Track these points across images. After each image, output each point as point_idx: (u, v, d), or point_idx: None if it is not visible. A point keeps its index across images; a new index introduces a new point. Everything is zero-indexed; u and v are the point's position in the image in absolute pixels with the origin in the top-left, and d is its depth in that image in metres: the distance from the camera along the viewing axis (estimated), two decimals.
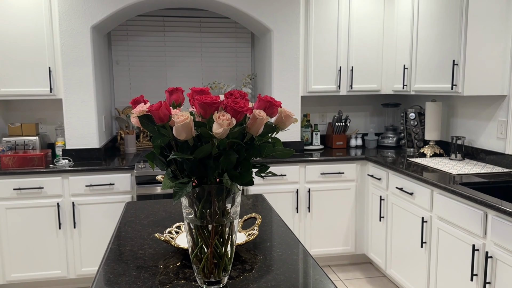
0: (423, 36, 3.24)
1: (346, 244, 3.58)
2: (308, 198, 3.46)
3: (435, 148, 3.44)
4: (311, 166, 3.44)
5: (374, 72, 3.77)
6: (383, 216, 3.26)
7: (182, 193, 1.08)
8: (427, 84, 3.22)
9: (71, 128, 3.31)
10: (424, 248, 2.75)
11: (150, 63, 4.02)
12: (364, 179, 3.55)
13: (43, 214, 3.10)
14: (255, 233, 1.57)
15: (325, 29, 3.62)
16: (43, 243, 3.13)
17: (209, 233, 1.21)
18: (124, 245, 1.59)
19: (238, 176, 1.16)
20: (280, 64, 3.58)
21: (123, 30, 3.93)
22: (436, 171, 2.85)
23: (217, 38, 4.09)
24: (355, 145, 4.04)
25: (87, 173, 3.13)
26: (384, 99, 4.30)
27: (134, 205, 2.13)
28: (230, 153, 1.12)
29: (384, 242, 3.27)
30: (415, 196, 2.83)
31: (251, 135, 1.15)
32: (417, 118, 3.66)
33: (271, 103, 1.16)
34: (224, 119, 1.04)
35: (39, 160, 3.11)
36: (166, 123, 1.10)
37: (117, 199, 3.18)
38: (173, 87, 1.21)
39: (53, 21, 3.24)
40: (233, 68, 4.16)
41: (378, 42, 3.74)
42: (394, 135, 4.02)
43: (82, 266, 3.20)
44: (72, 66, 3.25)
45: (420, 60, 3.30)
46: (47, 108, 3.71)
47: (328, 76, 3.69)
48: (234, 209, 1.24)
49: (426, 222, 2.71)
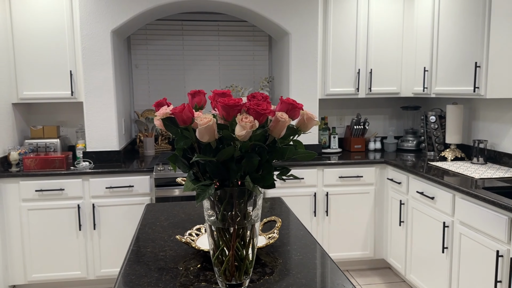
0: (444, 38, 3.19)
1: (364, 248, 3.54)
2: (326, 202, 3.43)
3: (456, 152, 3.38)
4: (329, 170, 3.42)
5: (394, 74, 3.73)
6: (403, 221, 3.22)
7: (205, 195, 1.08)
8: (448, 86, 3.17)
9: (91, 130, 3.35)
10: (445, 254, 2.70)
11: (168, 66, 4.05)
12: (384, 183, 3.50)
13: (64, 215, 3.15)
14: (275, 236, 1.56)
15: (343, 31, 3.60)
16: (64, 244, 3.18)
17: (230, 236, 1.21)
18: (145, 246, 1.59)
19: (260, 179, 1.16)
20: (298, 67, 3.57)
21: (142, 34, 3.97)
22: (457, 175, 2.80)
23: (235, 41, 4.10)
24: (373, 149, 4.00)
25: (107, 175, 3.16)
26: (404, 102, 4.25)
27: (154, 207, 2.14)
28: (252, 156, 1.11)
29: (404, 247, 3.23)
30: (436, 200, 2.78)
31: (273, 137, 1.15)
32: (437, 121, 3.60)
33: (293, 105, 1.16)
34: (247, 121, 1.04)
35: (60, 162, 3.16)
36: (189, 125, 1.10)
37: (136, 201, 3.21)
38: (195, 90, 1.22)
39: (74, 25, 3.29)
40: (250, 71, 4.17)
41: (398, 45, 3.70)
42: (414, 138, 3.97)
43: (101, 267, 3.24)
44: (93, 69, 3.30)
45: (441, 62, 3.25)
46: (68, 111, 3.77)
47: (346, 78, 3.66)
48: (256, 212, 1.24)
49: (448, 227, 2.66)
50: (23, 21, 3.22)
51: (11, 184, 3.08)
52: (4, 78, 3.18)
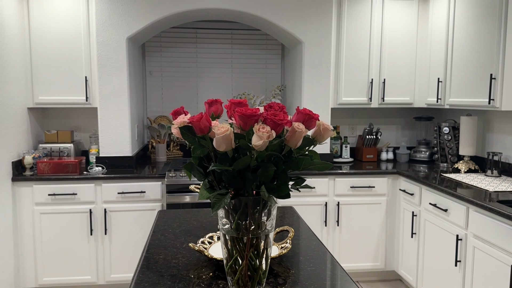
0: (459, 49, 3.18)
1: (375, 260, 3.51)
2: (337, 212, 3.41)
3: (469, 164, 3.35)
4: (341, 179, 3.40)
5: (407, 84, 3.71)
6: (415, 233, 3.18)
7: (220, 204, 1.08)
8: (462, 98, 3.15)
9: (105, 136, 3.38)
10: (458, 267, 2.67)
11: (182, 73, 4.08)
12: (396, 193, 3.48)
13: (76, 220, 3.17)
14: (288, 246, 1.56)
15: (356, 40, 3.60)
16: (75, 248, 3.20)
17: (244, 245, 1.21)
18: (157, 253, 1.60)
19: (275, 189, 1.16)
20: (311, 75, 3.57)
21: (157, 41, 4.01)
22: (471, 188, 2.77)
23: (248, 49, 4.12)
24: (386, 159, 3.97)
25: (119, 180, 3.18)
26: (416, 113, 4.22)
27: (166, 213, 2.15)
28: (268, 166, 1.11)
29: (415, 259, 3.19)
30: (449, 213, 2.75)
31: (289, 147, 1.15)
32: (451, 133, 3.57)
33: (310, 116, 1.16)
34: (264, 131, 1.04)
35: (74, 167, 3.19)
36: (206, 134, 1.11)
37: (148, 207, 3.22)
38: (212, 99, 1.23)
39: (90, 32, 3.34)
40: (262, 79, 4.18)
41: (411, 55, 3.69)
42: (427, 149, 3.93)
43: (111, 273, 3.25)
44: (108, 76, 3.34)
45: (455, 73, 3.23)
46: (81, 116, 3.81)
47: (359, 88, 3.65)
48: (270, 222, 1.23)
49: (461, 240, 2.63)
50: (40, 26, 3.27)
51: (25, 188, 3.11)
52: (20, 83, 3.23)
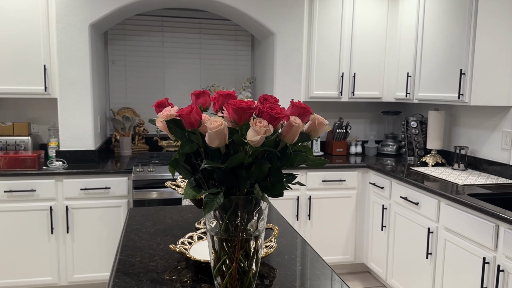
0: (428, 44, 3.21)
1: (345, 253, 3.52)
2: (308, 206, 3.39)
3: (437, 157, 3.41)
4: (313, 173, 3.38)
5: (376, 79, 3.73)
6: (385, 225, 3.21)
7: (213, 204, 0.99)
8: (431, 92, 3.19)
9: (65, 128, 3.18)
10: (429, 259, 2.71)
11: (147, 63, 3.91)
12: (366, 187, 3.49)
13: (35, 218, 2.97)
14: (273, 245, 1.49)
15: (328, 34, 3.57)
16: (34, 248, 3.00)
17: (233, 247, 1.13)
18: (133, 255, 1.49)
19: (269, 187, 1.08)
20: (283, 68, 3.51)
21: (120, 29, 3.82)
22: (440, 181, 2.81)
23: (217, 40, 4.01)
24: (355, 152, 3.99)
25: (82, 176, 3.01)
26: (385, 107, 4.26)
27: (138, 211, 2.03)
28: (263, 163, 1.04)
29: (385, 251, 3.22)
30: (420, 206, 2.78)
31: (284, 143, 1.08)
32: (418, 127, 3.62)
33: (305, 109, 1.09)
34: (261, 126, 0.96)
35: (32, 162, 2.98)
36: (197, 128, 1.02)
37: (113, 204, 3.06)
38: (199, 90, 1.13)
39: (49, 17, 3.11)
40: (232, 71, 4.08)
41: (381, 49, 3.70)
42: (394, 143, 3.98)
43: (74, 273, 3.07)
44: (69, 64, 3.13)
45: (424, 68, 3.27)
46: (40, 107, 3.57)
47: (330, 82, 3.63)
48: (261, 222, 1.16)
49: (432, 233, 2.67)
50: None
51: None
52: None
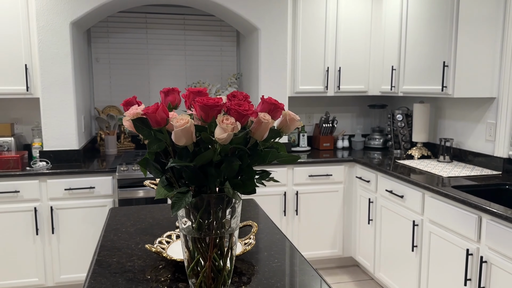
0: (412, 37, 3.21)
1: (333, 247, 3.53)
2: (296, 201, 3.39)
3: (422, 150, 3.42)
4: (299, 168, 3.38)
5: (362, 73, 3.73)
6: (372, 219, 3.22)
7: (181, 204, 0.98)
8: (416, 85, 3.19)
9: (49, 128, 3.15)
10: (415, 252, 2.72)
11: (131, 61, 3.88)
12: (352, 181, 3.50)
13: (19, 219, 2.94)
14: (252, 242, 1.48)
15: (313, 29, 3.56)
16: (19, 250, 2.97)
17: (207, 246, 1.12)
18: (110, 256, 1.47)
19: (240, 185, 1.07)
20: (268, 64, 3.50)
21: (104, 26, 3.78)
22: (425, 174, 2.82)
23: (202, 36, 3.98)
24: (341, 147, 3.99)
25: (66, 176, 2.98)
26: (371, 100, 4.27)
27: (118, 211, 2.01)
28: (232, 160, 1.03)
29: (372, 245, 3.23)
30: (405, 199, 2.79)
31: (254, 140, 1.06)
32: (404, 120, 3.63)
33: (275, 105, 1.08)
34: (228, 123, 0.95)
35: (15, 163, 2.95)
36: (163, 127, 1.00)
37: (98, 203, 3.04)
38: (168, 88, 1.12)
39: (29, 16, 3.07)
40: (218, 67, 4.06)
41: (366, 43, 3.70)
42: (381, 136, 3.99)
43: (60, 273, 3.05)
44: (51, 63, 3.10)
45: (408, 61, 3.27)
46: (23, 107, 3.53)
47: (315, 76, 3.63)
48: (235, 220, 1.15)
49: (417, 226, 2.68)
50: None
51: None
52: None
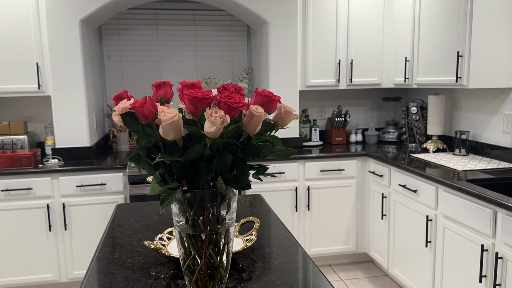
0: (426, 27, 3.12)
1: (346, 242, 3.48)
2: (307, 196, 3.35)
3: (438, 143, 3.33)
4: (311, 163, 3.33)
5: (374, 65, 3.65)
6: (385, 214, 3.16)
7: (171, 199, 0.96)
8: (430, 77, 3.11)
9: (60, 126, 3.18)
10: (429, 248, 2.65)
11: (142, 57, 3.88)
12: (365, 175, 3.44)
13: (33, 216, 2.98)
14: (253, 238, 1.46)
15: (323, 21, 3.50)
16: (33, 246, 3.01)
17: (202, 243, 1.10)
18: (111, 252, 1.47)
19: (233, 180, 1.04)
20: (278, 57, 3.45)
21: (114, 24, 3.79)
22: (440, 167, 2.74)
23: (212, 31, 3.96)
24: (355, 141, 3.93)
25: (77, 173, 3.00)
26: (385, 93, 4.18)
27: (124, 207, 2.01)
28: (224, 155, 1.00)
29: (386, 240, 3.17)
30: (419, 193, 2.72)
31: (247, 133, 1.03)
32: (419, 112, 3.55)
33: (269, 98, 1.05)
34: (217, 116, 0.92)
35: (28, 160, 2.98)
36: (152, 121, 0.98)
37: (110, 200, 3.06)
38: (160, 81, 1.09)
39: (40, 14, 3.10)
40: (228, 62, 4.04)
41: (378, 34, 3.62)
42: (395, 130, 3.91)
43: (74, 269, 3.09)
44: (61, 61, 3.12)
45: (422, 52, 3.18)
46: (36, 105, 3.57)
47: (327, 69, 3.57)
48: (230, 215, 1.12)
49: (431, 221, 2.61)
50: None
51: None
52: None
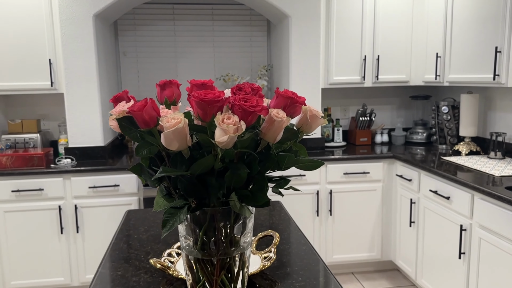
0: (459, 21, 2.89)
1: (371, 250, 3.28)
2: (329, 200, 3.17)
3: (471, 145, 3.11)
4: (333, 165, 3.15)
5: (403, 61, 3.43)
6: (414, 221, 2.95)
7: (174, 222, 0.81)
8: (463, 74, 2.88)
9: (73, 124, 3.07)
10: (462, 259, 2.44)
11: (159, 54, 3.75)
12: (392, 179, 3.23)
13: (44, 217, 2.88)
14: (272, 256, 1.30)
15: (348, 15, 3.30)
16: (45, 249, 2.92)
17: (213, 268, 0.95)
18: (116, 268, 1.33)
19: (250, 197, 0.88)
20: (299, 53, 3.27)
21: (130, 19, 3.67)
22: (474, 172, 2.52)
23: (231, 26, 3.80)
24: (380, 142, 3.72)
25: (90, 173, 2.89)
26: (413, 91, 3.95)
27: (134, 214, 1.88)
28: (238, 167, 0.84)
29: (414, 249, 2.97)
30: (452, 200, 2.51)
31: (266, 142, 0.87)
32: (450, 112, 3.32)
33: (292, 99, 0.88)
34: (230, 123, 0.76)
35: (39, 160, 2.89)
36: (154, 127, 0.83)
37: (123, 202, 2.95)
38: (165, 80, 0.94)
39: (52, 9, 2.99)
40: (247, 58, 3.87)
41: (407, 28, 3.39)
42: (424, 130, 3.68)
43: (86, 273, 2.98)
44: (74, 57, 3.01)
45: (455, 47, 2.96)
46: (49, 103, 3.48)
47: (351, 66, 3.37)
48: (246, 237, 0.97)
49: (465, 231, 2.40)
50: None
51: None
52: None
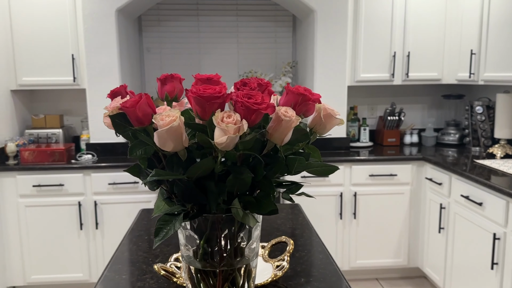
0: (496, 15, 2.71)
1: (397, 255, 3.14)
2: (354, 203, 3.04)
3: (506, 148, 2.92)
4: (358, 167, 3.02)
5: (435, 58, 3.26)
6: (443, 227, 2.80)
7: (168, 231, 0.73)
8: (500, 72, 2.70)
9: (95, 120, 3.07)
10: (495, 270, 2.28)
11: (182, 50, 3.71)
12: (421, 182, 3.08)
13: (64, 213, 2.89)
14: (284, 265, 1.21)
15: (377, 9, 3.16)
16: (64, 244, 2.92)
17: (216, 280, 0.87)
18: (121, 272, 1.27)
19: (254, 204, 0.80)
20: (324, 49, 3.15)
21: (154, 14, 3.64)
22: (510, 177, 2.36)
23: (255, 22, 3.71)
24: (410, 142, 3.55)
25: (110, 169, 2.88)
26: (445, 90, 3.76)
27: (148, 214, 1.82)
28: (242, 171, 0.76)
29: (443, 256, 2.81)
30: (485, 207, 2.35)
31: (273, 144, 0.78)
32: (485, 112, 3.13)
33: (304, 96, 0.79)
34: (230, 122, 0.68)
35: (60, 155, 2.89)
36: (149, 125, 0.75)
37: (142, 199, 2.92)
38: (166, 74, 0.86)
39: (76, 4, 2.99)
40: (272, 55, 3.78)
41: (440, 23, 3.22)
42: (457, 131, 3.49)
43: None
44: (96, 53, 3.00)
45: (491, 44, 2.78)
46: (72, 98, 3.49)
47: (380, 63, 3.22)
48: (251, 246, 0.88)
49: (499, 240, 2.24)
50: (20, 2, 2.94)
51: (8, 178, 2.84)
52: (2, 64, 2.93)
